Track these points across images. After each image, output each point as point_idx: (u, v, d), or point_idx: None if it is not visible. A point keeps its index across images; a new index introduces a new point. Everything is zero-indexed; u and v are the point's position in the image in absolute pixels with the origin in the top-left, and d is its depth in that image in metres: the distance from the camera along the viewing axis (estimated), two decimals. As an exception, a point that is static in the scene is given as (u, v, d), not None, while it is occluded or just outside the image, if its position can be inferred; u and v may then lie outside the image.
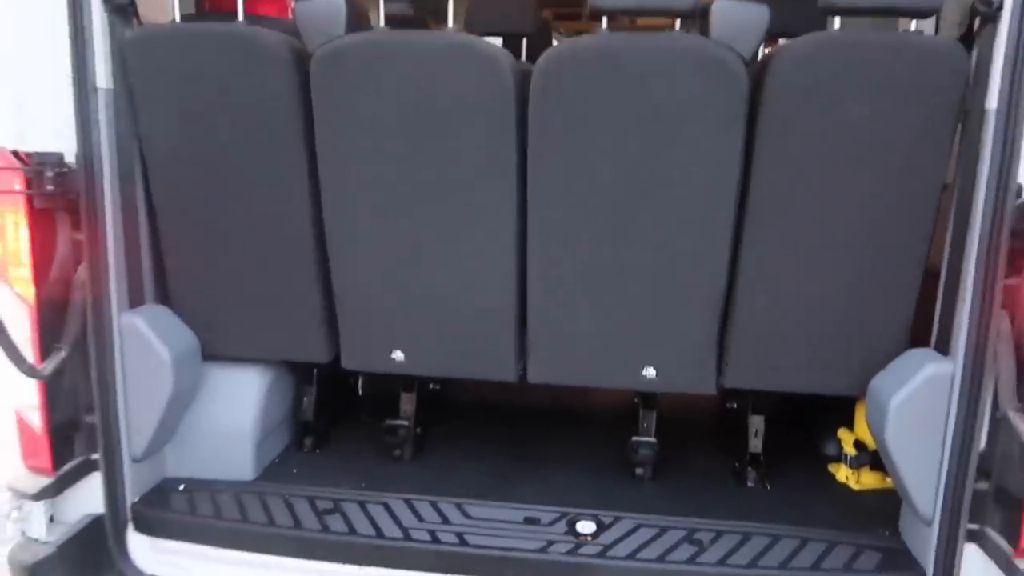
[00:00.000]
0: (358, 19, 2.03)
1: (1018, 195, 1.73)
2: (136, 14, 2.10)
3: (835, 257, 2.03)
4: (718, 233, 2.04)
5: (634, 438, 2.38)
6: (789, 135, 1.95)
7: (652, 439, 2.37)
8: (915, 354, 2.00)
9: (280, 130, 2.09)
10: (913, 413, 1.90)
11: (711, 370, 2.19)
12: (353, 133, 2.05)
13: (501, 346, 2.23)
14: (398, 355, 2.28)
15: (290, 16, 2.49)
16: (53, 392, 2.07)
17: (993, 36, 1.77)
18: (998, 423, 1.81)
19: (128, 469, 2.16)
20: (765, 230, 2.03)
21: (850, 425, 2.42)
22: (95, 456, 2.12)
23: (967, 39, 1.89)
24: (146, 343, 2.12)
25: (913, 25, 1.93)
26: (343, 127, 2.05)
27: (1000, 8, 1.74)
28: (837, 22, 1.96)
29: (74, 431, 2.13)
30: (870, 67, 1.89)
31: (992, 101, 1.77)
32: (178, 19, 2.13)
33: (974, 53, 1.85)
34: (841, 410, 2.42)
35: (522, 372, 2.28)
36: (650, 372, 2.19)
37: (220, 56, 2.04)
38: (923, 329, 2.03)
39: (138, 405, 2.15)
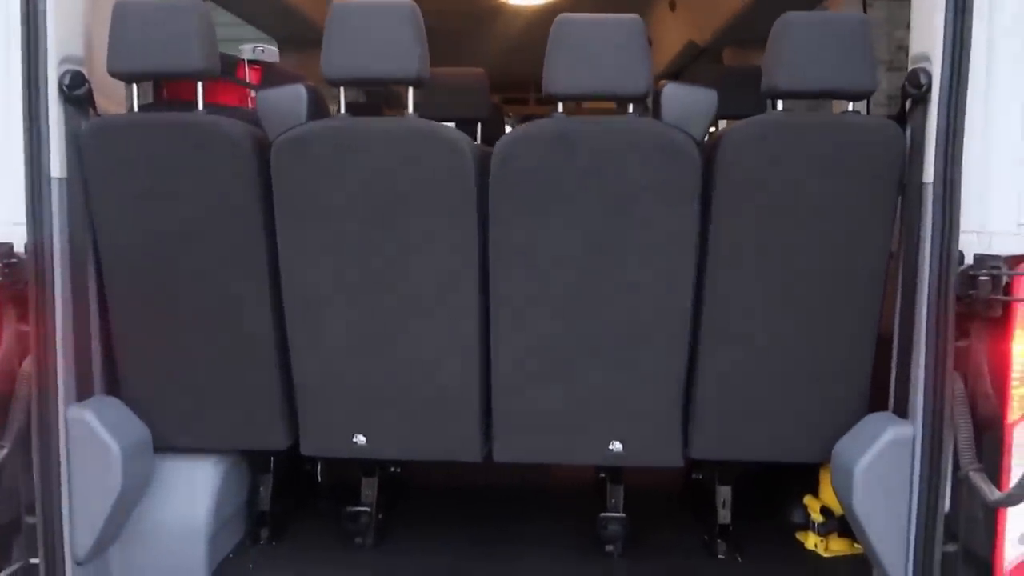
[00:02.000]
0: (319, 107, 2.06)
1: (960, 262, 1.81)
2: (93, 104, 2.09)
3: (792, 326, 2.09)
4: (677, 307, 2.08)
5: (603, 514, 2.35)
6: (741, 210, 2.03)
7: (621, 514, 2.34)
8: (875, 418, 2.04)
9: (239, 218, 2.08)
10: (878, 477, 1.93)
11: (677, 442, 2.20)
12: (314, 219, 2.06)
13: (466, 426, 2.20)
14: (360, 439, 2.23)
15: (249, 105, 2.52)
16: (-8, 493, 1.95)
17: (924, 115, 1.88)
18: (960, 484, 1.84)
19: (72, 573, 2.02)
20: (723, 303, 2.08)
21: (815, 492, 2.44)
22: (35, 561, 1.99)
23: (900, 118, 2.01)
24: (94, 437, 2.03)
25: (851, 107, 2.05)
26: (304, 213, 2.05)
27: (928, 90, 1.86)
28: (780, 104, 2.07)
29: (13, 534, 1.99)
30: (812, 147, 1.99)
31: (928, 175, 1.87)
32: (136, 109, 2.12)
33: (907, 131, 1.97)
34: (805, 477, 2.44)
35: (488, 452, 2.25)
36: (617, 446, 2.19)
37: (179, 145, 2.04)
38: (880, 393, 2.08)
39: (84, 503, 2.04)
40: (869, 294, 2.06)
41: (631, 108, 2.09)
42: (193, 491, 2.27)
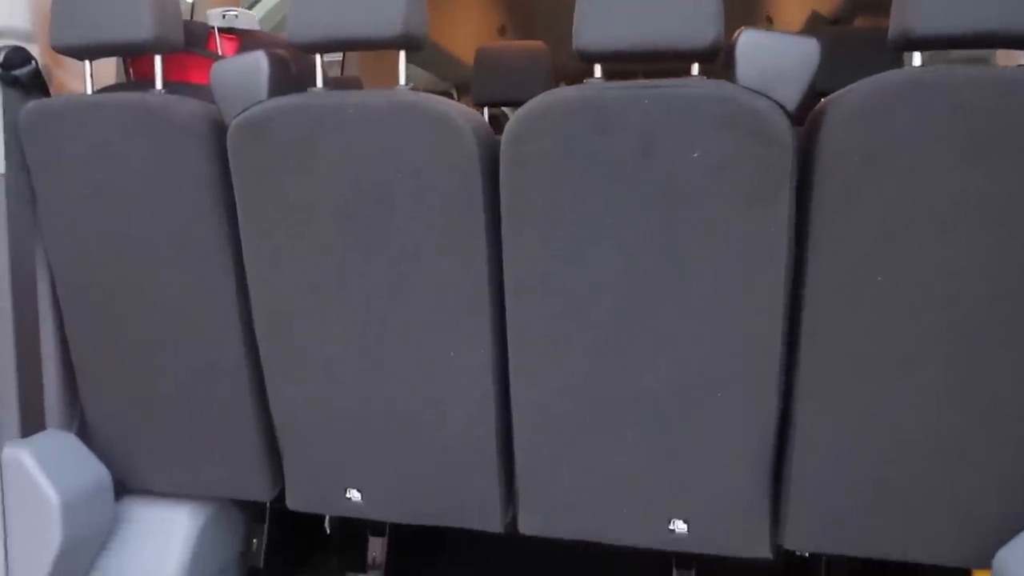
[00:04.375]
0: (287, 79, 1.63)
1: None
2: (45, 87, 1.77)
3: (933, 381, 1.45)
4: (763, 344, 1.49)
5: None
6: (857, 211, 1.41)
7: None
8: None
9: (198, 220, 1.68)
10: None
11: (763, 526, 1.61)
12: (281, 220, 1.63)
13: (481, 489, 1.71)
14: (354, 495, 1.79)
15: None
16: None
17: None
18: None
19: None
20: (830, 340, 1.47)
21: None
22: None
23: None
24: (30, 482, 1.70)
25: None
26: (269, 212, 1.63)
27: None
28: (917, 58, 1.43)
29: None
30: (969, 117, 1.35)
31: None
32: (90, 90, 1.78)
33: None
34: (949, 569, 1.78)
35: (511, 519, 1.75)
36: (680, 527, 1.63)
37: (127, 132, 1.67)
38: None
39: (23, 558, 1.72)
40: None
41: (695, 69, 1.51)
42: (165, 543, 1.91)
